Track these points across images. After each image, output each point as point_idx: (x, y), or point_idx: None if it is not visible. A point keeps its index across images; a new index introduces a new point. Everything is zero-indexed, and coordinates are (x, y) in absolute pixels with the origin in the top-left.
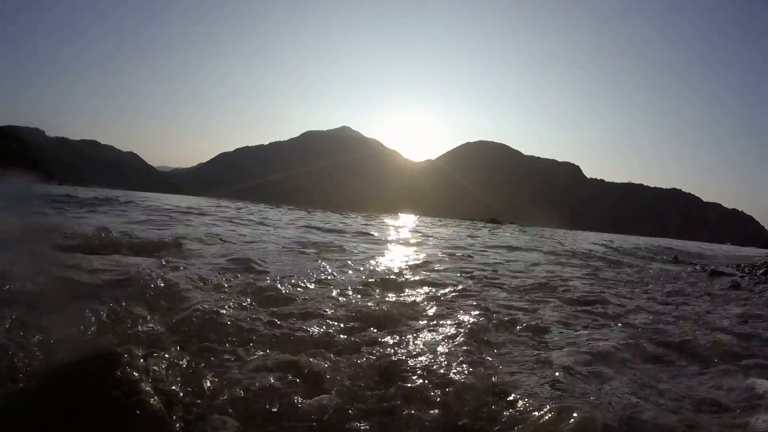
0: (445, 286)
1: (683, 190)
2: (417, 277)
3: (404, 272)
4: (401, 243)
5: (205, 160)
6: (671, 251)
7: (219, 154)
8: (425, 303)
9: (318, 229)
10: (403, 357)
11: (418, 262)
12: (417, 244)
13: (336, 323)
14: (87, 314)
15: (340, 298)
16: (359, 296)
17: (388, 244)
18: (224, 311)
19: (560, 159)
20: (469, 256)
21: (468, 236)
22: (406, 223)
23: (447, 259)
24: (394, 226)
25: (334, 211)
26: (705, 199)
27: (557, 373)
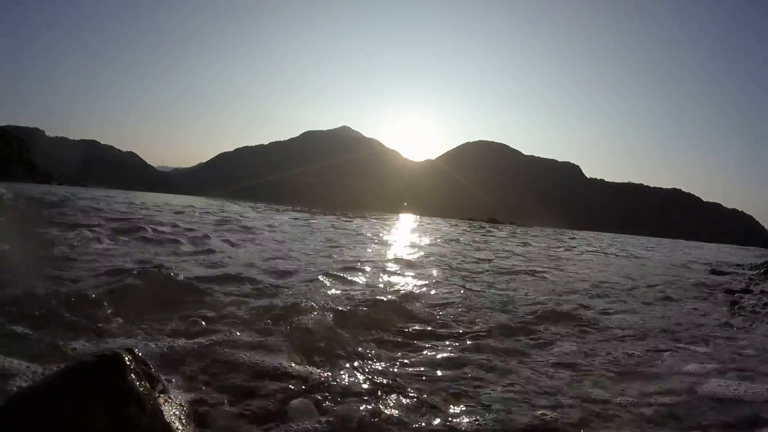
0: None
1: (683, 190)
2: None
3: None
4: None
5: (205, 160)
6: None
7: (219, 154)
8: None
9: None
10: None
11: None
12: None
13: None
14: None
15: None
16: None
17: None
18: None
19: (560, 159)
20: None
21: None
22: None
23: None
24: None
25: (333, 211)
26: (705, 199)
27: None
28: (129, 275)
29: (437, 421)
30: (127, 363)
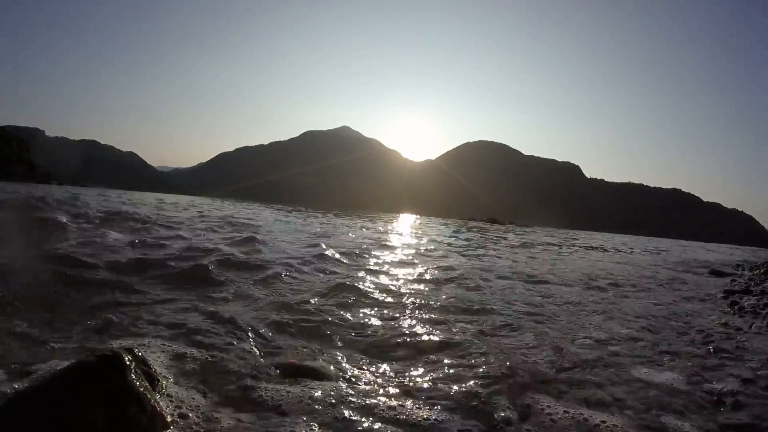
0: None
1: (683, 190)
2: None
3: None
4: None
5: (205, 160)
6: None
7: (219, 154)
8: None
9: None
10: None
11: None
12: None
13: None
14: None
15: None
16: None
17: None
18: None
19: (560, 159)
20: None
21: None
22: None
23: None
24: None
25: (332, 211)
26: (705, 199)
27: None
28: None
29: None
30: (127, 363)
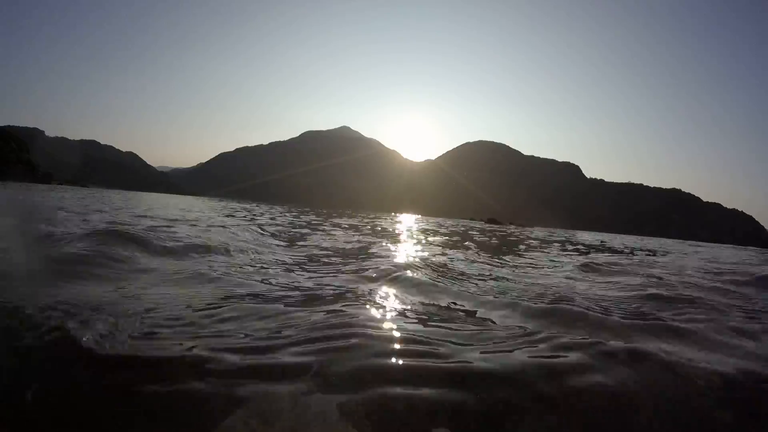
0: None
1: (683, 190)
2: None
3: None
4: None
5: (205, 160)
6: None
7: (219, 154)
8: None
9: None
10: None
11: None
12: None
13: None
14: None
15: None
16: None
17: None
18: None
19: (560, 159)
20: None
21: None
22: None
23: None
24: None
25: (333, 211)
26: (705, 199)
27: None
28: None
29: None
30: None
